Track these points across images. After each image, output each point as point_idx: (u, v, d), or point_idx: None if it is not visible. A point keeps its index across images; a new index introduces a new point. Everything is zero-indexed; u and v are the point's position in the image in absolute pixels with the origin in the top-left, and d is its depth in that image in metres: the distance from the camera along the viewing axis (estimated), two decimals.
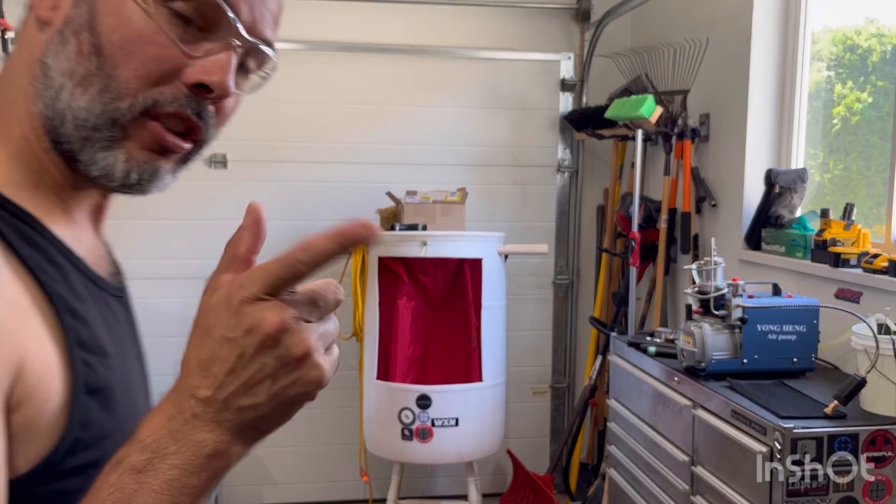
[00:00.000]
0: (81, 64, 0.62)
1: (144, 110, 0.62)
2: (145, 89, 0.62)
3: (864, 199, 2.47)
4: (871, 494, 1.73)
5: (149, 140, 0.64)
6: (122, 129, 0.63)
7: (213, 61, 0.63)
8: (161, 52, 0.61)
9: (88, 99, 0.62)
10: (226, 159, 3.53)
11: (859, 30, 2.55)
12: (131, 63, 0.61)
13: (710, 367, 2.03)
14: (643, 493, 2.37)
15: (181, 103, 0.63)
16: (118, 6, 0.61)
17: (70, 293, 0.62)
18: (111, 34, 0.61)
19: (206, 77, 0.63)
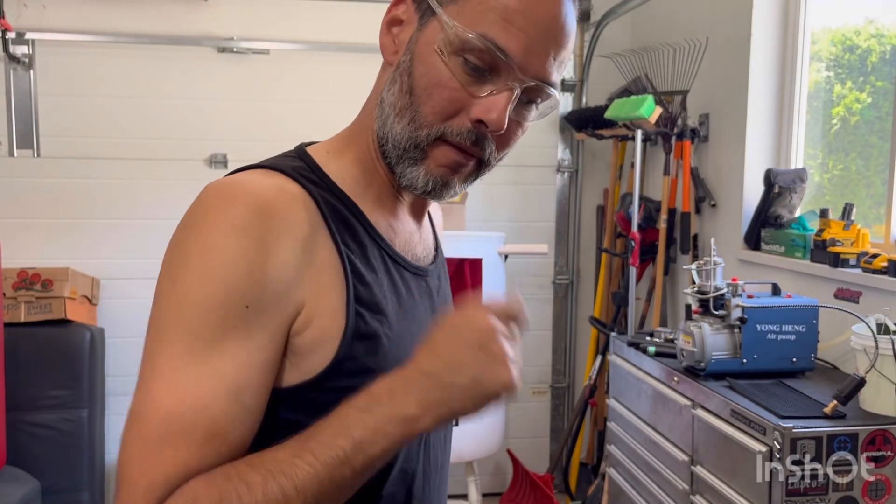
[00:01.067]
0: (401, 100, 0.82)
1: (438, 137, 0.81)
2: (439, 122, 0.80)
3: (863, 199, 2.47)
4: (870, 494, 1.73)
5: (442, 159, 0.82)
6: (422, 151, 0.82)
7: (491, 101, 0.79)
8: (452, 95, 0.79)
9: (401, 127, 0.82)
10: (226, 159, 3.53)
11: (858, 30, 2.55)
12: (430, 102, 0.80)
13: (710, 366, 2.04)
14: (643, 492, 2.37)
15: (464, 136, 0.81)
16: (427, 56, 0.80)
17: (363, 263, 0.82)
18: (420, 79, 0.80)
19: (484, 115, 0.79)
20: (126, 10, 3.42)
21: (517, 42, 0.77)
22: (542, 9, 0.79)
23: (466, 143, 0.81)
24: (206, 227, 0.73)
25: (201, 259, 0.72)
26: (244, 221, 0.73)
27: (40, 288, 3.23)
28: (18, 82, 3.37)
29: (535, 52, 0.79)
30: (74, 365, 3.22)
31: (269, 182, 0.78)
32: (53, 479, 3.16)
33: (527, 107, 0.83)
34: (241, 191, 0.75)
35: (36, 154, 3.42)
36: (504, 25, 0.77)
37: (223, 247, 0.72)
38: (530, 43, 0.78)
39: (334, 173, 0.85)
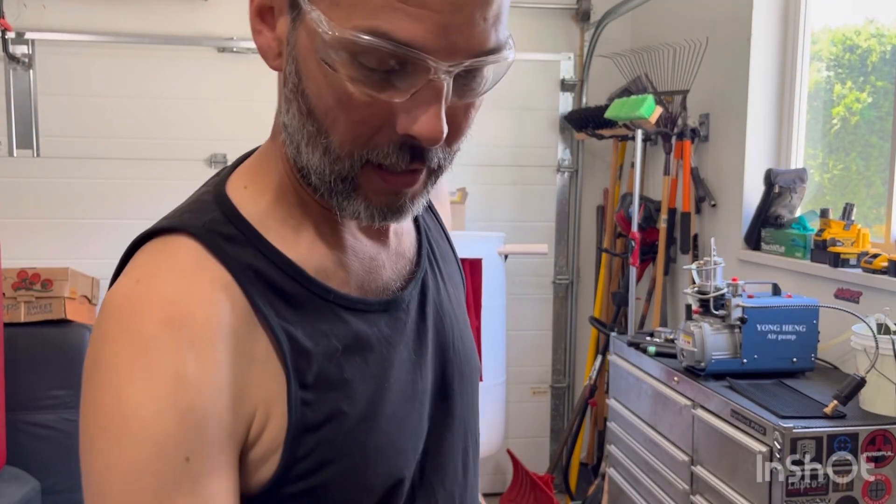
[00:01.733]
0: (304, 126, 0.64)
1: (364, 164, 0.63)
2: (359, 148, 0.62)
3: (863, 198, 2.47)
4: (870, 494, 1.73)
5: (379, 187, 0.65)
6: (352, 182, 0.64)
7: (417, 107, 0.60)
8: (363, 113, 0.61)
9: (318, 159, 0.64)
10: (225, 159, 3.53)
11: (859, 30, 2.55)
12: (338, 127, 0.62)
13: (710, 366, 2.04)
14: (643, 492, 2.37)
15: (396, 156, 0.62)
16: (312, 69, 0.61)
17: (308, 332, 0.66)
18: (317, 100, 0.62)
19: (413, 130, 0.60)
20: (126, 10, 3.42)
21: (423, 25, 0.57)
22: None
23: (401, 165, 0.63)
24: (113, 368, 0.58)
25: (115, 414, 0.57)
26: (161, 354, 0.58)
27: (40, 288, 3.23)
28: (18, 82, 3.37)
29: (454, 25, 0.58)
30: (74, 365, 3.21)
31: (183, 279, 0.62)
32: (53, 479, 3.15)
33: (473, 81, 0.63)
34: (151, 311, 0.60)
35: (35, 154, 3.42)
36: (398, 7, 0.56)
37: (140, 393, 0.57)
38: (442, 18, 0.57)
39: (257, 219, 0.68)
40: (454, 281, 0.87)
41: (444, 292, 0.82)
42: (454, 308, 0.83)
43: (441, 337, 0.80)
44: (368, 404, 0.69)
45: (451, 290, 0.84)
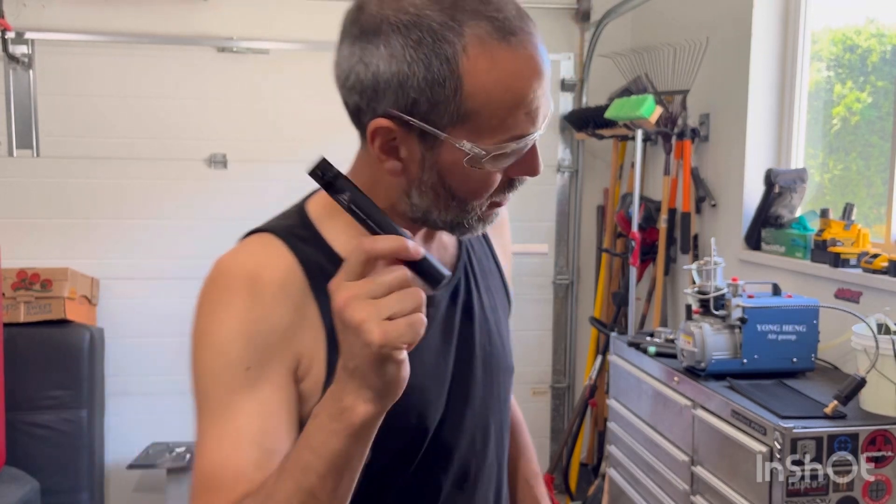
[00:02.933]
0: (442, 201, 0.88)
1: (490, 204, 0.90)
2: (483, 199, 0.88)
3: (863, 199, 2.47)
4: (870, 494, 1.73)
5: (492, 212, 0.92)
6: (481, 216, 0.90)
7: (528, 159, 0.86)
8: (490, 181, 0.86)
9: (453, 215, 0.89)
10: (226, 159, 3.53)
11: (859, 30, 2.55)
12: (478, 197, 0.88)
13: (710, 367, 2.04)
14: (643, 492, 2.37)
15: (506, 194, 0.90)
16: (459, 171, 0.84)
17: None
18: (461, 186, 0.86)
19: (527, 174, 0.88)
20: (126, 10, 3.42)
21: (535, 117, 0.83)
22: (536, 72, 0.83)
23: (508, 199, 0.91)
24: (207, 308, 0.87)
25: (207, 336, 0.86)
26: (237, 298, 0.85)
27: (39, 288, 3.23)
28: (18, 82, 3.37)
29: (543, 105, 0.85)
30: (74, 365, 3.21)
31: (260, 255, 0.89)
32: (53, 479, 3.15)
33: None
34: (231, 271, 0.88)
35: (35, 154, 3.42)
36: (520, 114, 0.82)
37: (221, 322, 0.85)
38: (541, 112, 0.84)
39: (328, 231, 0.92)
40: (493, 293, 1.08)
41: (478, 298, 1.03)
42: (486, 313, 1.04)
43: (466, 331, 1.00)
44: None
45: (486, 298, 1.05)
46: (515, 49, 0.82)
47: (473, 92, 0.81)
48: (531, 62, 0.83)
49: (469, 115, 0.82)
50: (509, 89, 0.81)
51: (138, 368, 3.52)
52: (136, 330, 3.51)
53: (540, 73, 0.83)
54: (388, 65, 0.80)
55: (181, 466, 3.29)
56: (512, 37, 0.82)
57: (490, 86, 0.81)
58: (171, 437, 3.49)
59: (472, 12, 0.81)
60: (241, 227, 0.96)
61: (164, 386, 3.54)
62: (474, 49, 0.80)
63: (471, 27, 0.80)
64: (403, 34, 0.80)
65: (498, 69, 0.81)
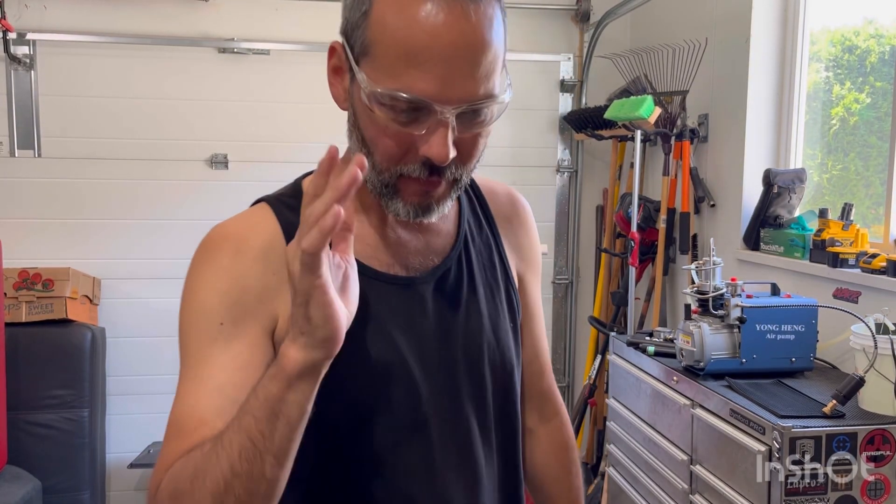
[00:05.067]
0: (360, 149, 0.89)
1: (399, 176, 0.88)
2: (394, 165, 0.87)
3: (862, 199, 2.48)
4: (869, 494, 1.74)
5: (410, 192, 0.89)
6: (392, 188, 0.89)
7: (430, 138, 0.83)
8: (395, 140, 0.85)
9: (368, 172, 0.85)
10: (226, 159, 3.53)
11: (858, 30, 2.56)
12: (379, 150, 0.87)
13: (709, 366, 2.04)
14: (642, 492, 2.38)
15: (419, 172, 0.87)
16: (362, 109, 0.86)
17: None
18: (365, 131, 0.87)
19: (428, 153, 0.84)
20: (126, 11, 3.43)
21: (430, 82, 0.80)
22: (445, 38, 0.80)
23: (423, 178, 0.87)
24: (195, 266, 0.93)
25: (190, 293, 0.91)
26: (217, 258, 0.91)
27: (41, 288, 3.24)
28: (19, 83, 3.38)
29: (453, 80, 0.81)
30: (75, 365, 3.22)
31: (249, 220, 0.95)
32: (54, 478, 3.16)
33: (476, 118, 0.86)
34: (219, 233, 0.94)
35: (37, 154, 3.42)
36: (412, 70, 0.80)
37: (202, 280, 0.90)
38: (444, 74, 0.80)
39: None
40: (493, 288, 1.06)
41: (469, 290, 1.02)
42: (480, 306, 1.02)
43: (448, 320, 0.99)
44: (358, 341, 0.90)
45: (482, 291, 1.03)
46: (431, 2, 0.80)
47: (376, 21, 0.82)
48: (442, 18, 0.79)
49: (369, 45, 0.83)
50: (405, 35, 0.80)
51: (139, 368, 3.53)
52: (138, 330, 3.52)
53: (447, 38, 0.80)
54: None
55: None
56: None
57: (389, 21, 0.81)
58: None
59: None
60: None
61: (165, 385, 3.55)
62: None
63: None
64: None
65: (403, 7, 0.80)
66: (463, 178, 0.91)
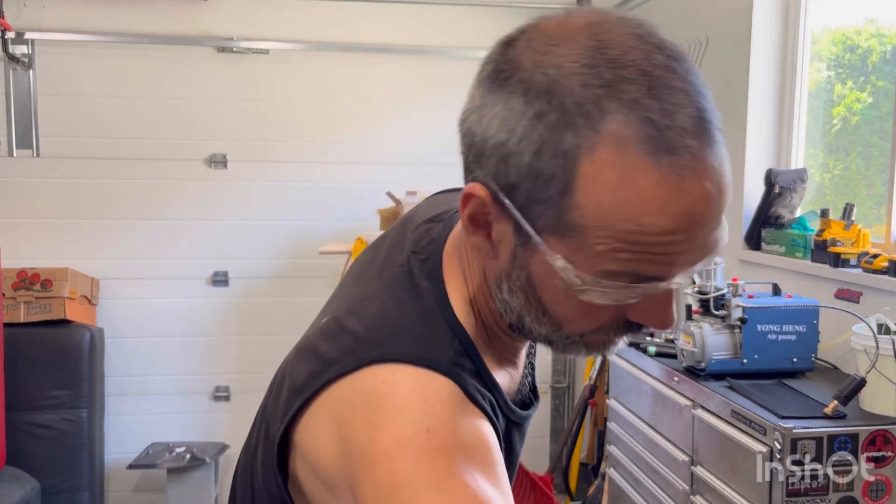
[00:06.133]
0: (533, 312, 0.69)
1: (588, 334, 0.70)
2: (586, 328, 0.69)
3: (863, 199, 2.47)
4: (870, 494, 1.73)
5: (599, 344, 0.71)
6: (575, 341, 0.71)
7: (655, 309, 0.66)
8: (599, 314, 0.67)
9: (546, 330, 0.70)
10: (226, 159, 3.53)
11: (859, 30, 2.55)
12: (576, 326, 0.69)
13: (710, 367, 2.03)
14: (643, 492, 2.37)
15: (620, 335, 0.70)
16: (552, 288, 0.66)
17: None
18: (553, 307, 0.68)
19: (649, 323, 0.67)
20: (126, 10, 3.42)
21: (669, 266, 0.63)
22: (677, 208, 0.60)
23: (619, 341, 0.72)
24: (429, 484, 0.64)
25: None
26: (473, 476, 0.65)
27: (40, 288, 3.23)
28: (18, 82, 3.37)
29: (691, 253, 0.63)
30: (74, 365, 3.21)
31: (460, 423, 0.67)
32: (53, 479, 3.15)
33: None
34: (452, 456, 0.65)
35: (35, 154, 3.42)
36: (647, 255, 0.61)
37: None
38: (681, 254, 0.62)
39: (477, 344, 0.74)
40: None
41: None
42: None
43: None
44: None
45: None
46: (665, 174, 0.59)
47: (584, 204, 0.61)
48: (686, 199, 0.60)
49: (571, 229, 0.62)
50: (633, 221, 0.60)
51: (138, 368, 3.52)
52: (136, 330, 3.51)
53: (697, 219, 0.61)
54: (499, 127, 0.63)
55: (181, 466, 3.29)
56: (666, 156, 0.59)
57: (608, 206, 0.60)
58: (170, 437, 3.49)
59: (627, 102, 0.59)
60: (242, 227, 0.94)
61: (164, 386, 3.55)
62: (606, 152, 0.59)
63: (615, 122, 0.59)
64: (527, 98, 0.61)
65: (627, 190, 0.59)
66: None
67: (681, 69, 0.66)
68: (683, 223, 0.60)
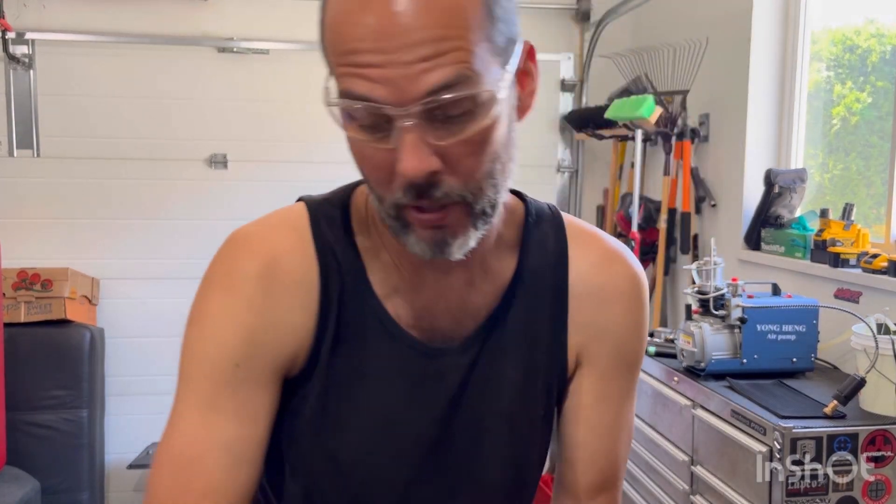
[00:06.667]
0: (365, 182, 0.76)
1: (398, 204, 0.71)
2: (388, 192, 0.71)
3: (863, 199, 2.47)
4: (870, 494, 1.73)
5: (417, 223, 0.72)
6: (402, 221, 0.73)
7: (400, 154, 0.67)
8: (376, 161, 0.70)
9: (379, 207, 0.75)
10: (226, 159, 3.53)
11: (859, 30, 2.55)
12: (370, 177, 0.73)
13: (710, 366, 2.04)
14: (643, 492, 2.37)
15: (409, 195, 0.69)
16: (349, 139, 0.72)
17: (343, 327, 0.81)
18: (358, 163, 0.73)
19: (398, 170, 0.68)
20: (126, 10, 3.42)
21: (369, 81, 0.65)
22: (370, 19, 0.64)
23: (415, 202, 0.70)
24: (213, 285, 0.80)
25: (204, 317, 0.79)
26: (242, 283, 0.78)
27: (40, 288, 3.23)
28: (18, 82, 3.37)
29: (394, 76, 0.65)
30: (74, 365, 3.21)
31: (280, 237, 0.80)
32: (53, 479, 3.15)
33: (452, 118, 0.67)
34: (248, 249, 0.79)
35: (36, 154, 3.42)
36: (351, 69, 0.66)
37: (221, 307, 0.78)
38: (381, 72, 0.65)
39: (359, 225, 0.83)
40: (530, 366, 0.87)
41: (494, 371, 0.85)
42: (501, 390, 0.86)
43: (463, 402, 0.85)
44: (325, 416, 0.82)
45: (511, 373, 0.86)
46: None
47: (323, 20, 0.70)
48: (365, 10, 0.65)
49: (327, 57, 0.71)
50: (336, 32, 0.67)
51: (138, 368, 3.52)
52: (137, 330, 3.51)
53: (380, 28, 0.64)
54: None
55: None
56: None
57: (328, 24, 0.69)
58: None
59: None
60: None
61: (164, 386, 3.53)
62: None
63: None
64: None
65: (337, 7, 0.68)
66: (480, 202, 0.72)
67: None
68: (367, 31, 0.64)
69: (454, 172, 0.69)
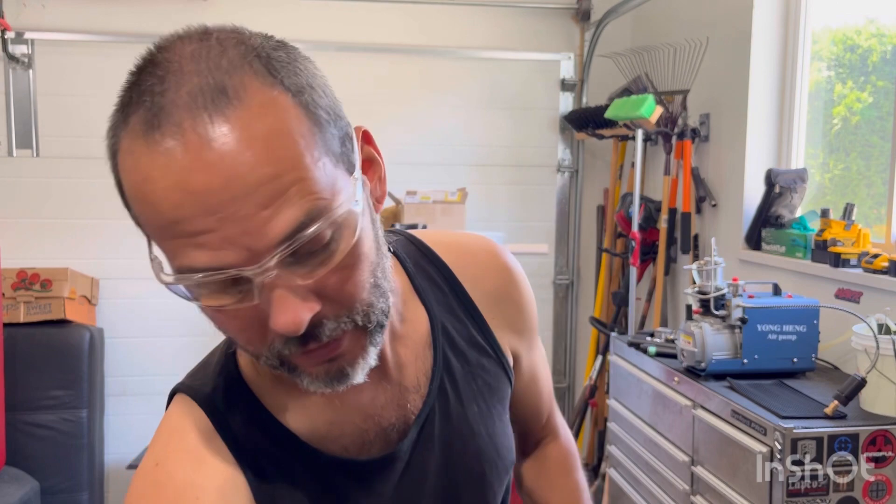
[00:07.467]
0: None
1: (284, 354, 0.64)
2: (262, 348, 0.64)
3: (864, 198, 2.47)
4: (871, 494, 1.73)
5: (310, 361, 0.65)
6: (288, 364, 0.65)
7: (272, 311, 0.59)
8: (240, 324, 0.62)
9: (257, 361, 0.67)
10: None
11: (859, 29, 2.55)
12: (239, 339, 0.65)
13: (710, 367, 2.03)
14: (643, 493, 2.37)
15: (290, 346, 0.63)
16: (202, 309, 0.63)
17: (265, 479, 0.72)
18: (219, 326, 0.65)
19: (274, 328, 0.60)
20: (126, 10, 3.42)
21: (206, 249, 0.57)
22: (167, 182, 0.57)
23: (298, 351, 0.63)
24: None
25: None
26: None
27: (39, 288, 3.23)
28: (18, 82, 3.37)
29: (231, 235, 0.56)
30: (74, 365, 3.21)
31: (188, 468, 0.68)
32: (52, 479, 3.15)
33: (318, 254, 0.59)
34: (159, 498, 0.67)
35: (35, 154, 3.42)
36: (184, 240, 0.57)
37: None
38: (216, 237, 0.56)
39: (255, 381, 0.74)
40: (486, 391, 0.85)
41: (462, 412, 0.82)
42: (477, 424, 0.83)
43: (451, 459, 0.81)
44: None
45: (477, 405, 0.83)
46: (154, 150, 0.57)
47: (129, 199, 0.62)
48: (174, 170, 0.56)
49: (138, 222, 0.63)
50: (147, 203, 0.59)
51: (138, 368, 3.52)
52: (136, 330, 3.51)
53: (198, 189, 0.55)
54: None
55: None
56: (157, 132, 0.58)
57: (131, 195, 0.62)
58: None
59: (142, 94, 0.61)
60: None
61: (164, 386, 3.52)
62: (125, 144, 0.62)
63: (134, 116, 0.61)
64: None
65: (135, 174, 0.60)
66: (373, 317, 0.65)
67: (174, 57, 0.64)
68: (182, 195, 0.56)
69: (336, 303, 0.62)
